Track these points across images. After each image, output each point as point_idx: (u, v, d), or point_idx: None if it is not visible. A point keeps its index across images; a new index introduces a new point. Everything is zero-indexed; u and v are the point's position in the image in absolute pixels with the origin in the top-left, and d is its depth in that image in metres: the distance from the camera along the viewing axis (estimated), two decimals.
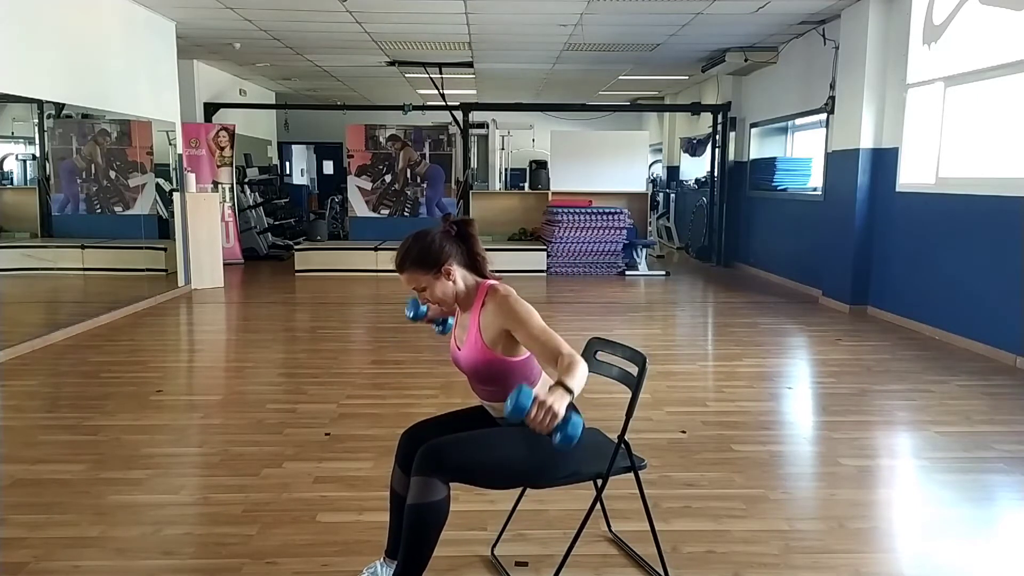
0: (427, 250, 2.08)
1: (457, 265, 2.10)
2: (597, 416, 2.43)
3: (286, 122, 13.95)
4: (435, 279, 2.08)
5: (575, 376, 1.79)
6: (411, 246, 2.10)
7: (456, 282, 2.10)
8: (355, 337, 6.29)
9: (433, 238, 2.09)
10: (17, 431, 3.73)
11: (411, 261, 2.08)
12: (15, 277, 6.49)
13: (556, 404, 1.69)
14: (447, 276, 2.08)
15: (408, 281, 2.10)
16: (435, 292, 2.10)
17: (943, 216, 5.94)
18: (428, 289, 2.10)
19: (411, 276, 2.09)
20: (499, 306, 2.02)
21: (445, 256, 2.08)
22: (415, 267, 2.08)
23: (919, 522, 2.86)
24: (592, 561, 2.44)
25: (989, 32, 5.37)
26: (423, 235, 2.11)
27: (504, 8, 7.26)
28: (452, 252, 2.09)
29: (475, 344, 2.08)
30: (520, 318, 1.99)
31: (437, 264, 2.07)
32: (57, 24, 5.95)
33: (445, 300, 2.12)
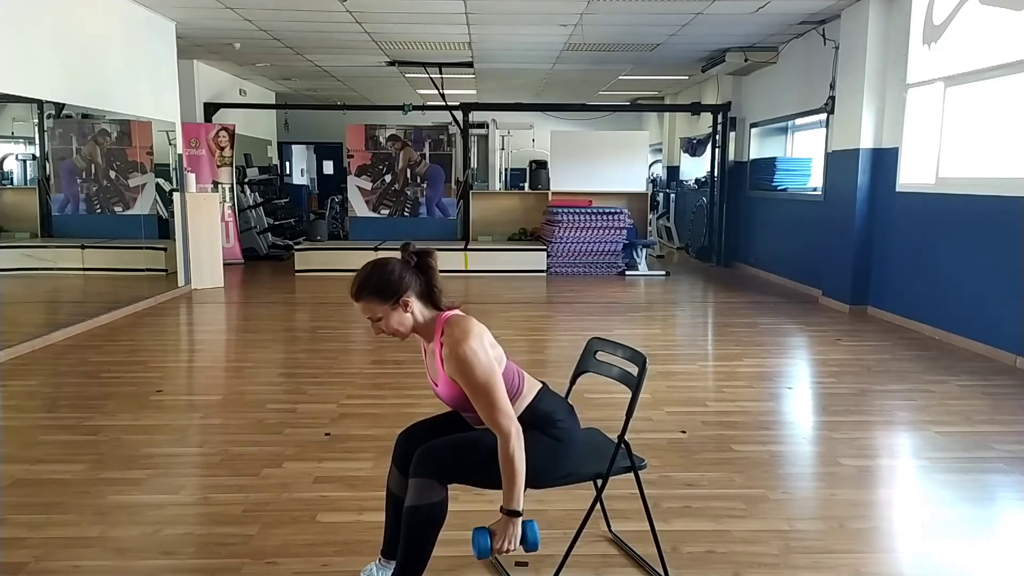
0: (386, 281, 2.04)
1: (415, 297, 2.06)
2: (597, 416, 2.43)
3: (286, 122, 13.95)
4: (392, 310, 2.04)
5: (514, 492, 1.96)
6: (370, 274, 2.05)
7: (413, 313, 2.06)
8: (355, 337, 6.29)
9: (392, 268, 2.05)
10: (17, 431, 3.73)
11: (368, 291, 2.04)
12: (15, 277, 6.49)
13: (511, 534, 1.97)
14: (404, 308, 2.04)
15: (364, 311, 2.06)
16: (390, 323, 2.06)
17: (943, 216, 5.93)
18: (384, 319, 2.05)
19: (367, 306, 2.05)
20: (449, 351, 1.99)
21: (404, 287, 2.04)
22: (372, 296, 2.04)
23: (919, 522, 2.86)
24: (592, 561, 2.44)
25: (989, 32, 5.37)
26: (382, 264, 2.07)
27: (504, 8, 7.26)
28: (411, 283, 2.05)
29: (446, 380, 2.06)
30: (464, 373, 1.96)
31: (395, 295, 2.03)
32: (57, 24, 5.95)
33: (400, 331, 2.08)
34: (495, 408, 1.96)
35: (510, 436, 1.95)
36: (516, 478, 1.96)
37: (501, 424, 1.95)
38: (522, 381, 2.13)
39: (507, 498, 1.97)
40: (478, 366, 1.96)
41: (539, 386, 2.18)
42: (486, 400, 1.96)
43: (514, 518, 1.97)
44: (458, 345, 1.97)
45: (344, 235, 11.63)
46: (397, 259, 2.09)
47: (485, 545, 1.96)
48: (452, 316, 2.09)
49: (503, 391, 1.99)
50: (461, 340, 1.98)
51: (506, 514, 1.98)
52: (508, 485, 1.97)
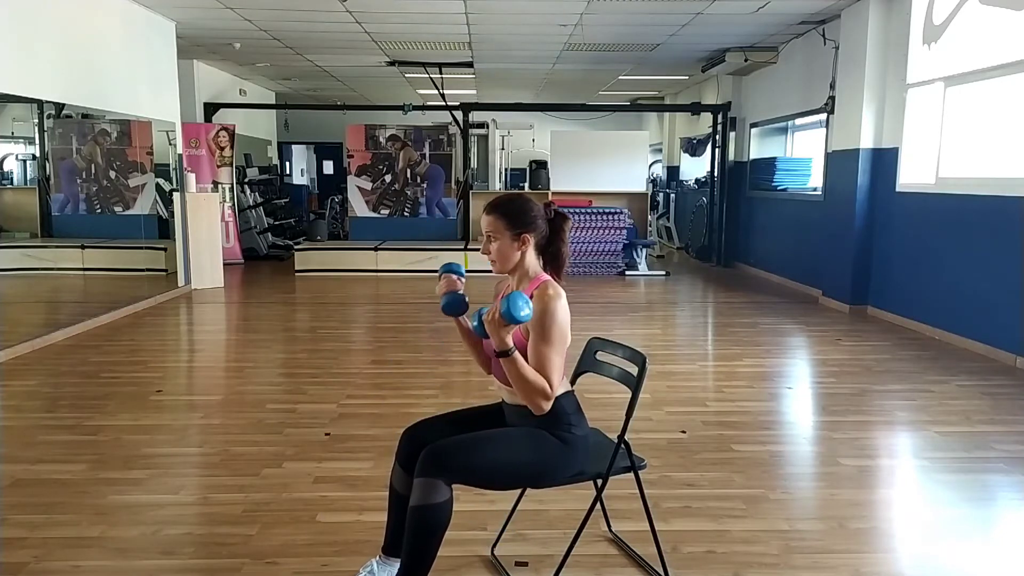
0: (522, 210, 2.14)
1: (534, 242, 2.15)
2: (597, 416, 2.43)
3: (286, 122, 13.95)
4: (510, 238, 2.13)
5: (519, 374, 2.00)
6: (511, 199, 2.18)
7: (524, 253, 2.14)
8: (355, 337, 6.29)
9: (533, 206, 2.16)
10: (17, 431, 3.73)
11: (503, 210, 2.14)
12: (15, 277, 6.49)
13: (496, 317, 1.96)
14: (521, 243, 2.13)
15: (487, 224, 2.15)
16: (501, 248, 2.14)
17: (943, 216, 5.93)
18: (498, 241, 2.14)
19: (494, 220, 2.13)
20: (540, 300, 2.05)
21: (532, 226, 2.13)
22: (503, 217, 2.13)
23: (919, 522, 2.86)
24: (592, 561, 2.44)
25: (989, 32, 5.37)
26: (527, 199, 2.19)
27: (504, 8, 7.26)
28: (539, 228, 2.15)
29: None
30: (541, 327, 2.03)
31: (522, 226, 2.12)
32: (57, 24, 5.95)
33: (503, 261, 2.15)
34: (550, 362, 2.03)
35: (546, 389, 2.02)
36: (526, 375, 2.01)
37: (550, 375, 2.03)
38: (564, 375, 2.17)
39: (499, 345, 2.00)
40: (558, 324, 2.03)
41: (569, 388, 2.20)
42: (546, 353, 2.03)
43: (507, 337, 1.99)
44: (552, 300, 2.04)
45: (344, 235, 11.63)
46: (541, 204, 2.19)
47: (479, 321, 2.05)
48: (552, 280, 2.15)
49: (562, 354, 2.06)
50: (556, 297, 2.05)
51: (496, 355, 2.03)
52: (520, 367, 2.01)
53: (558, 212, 2.21)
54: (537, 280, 2.14)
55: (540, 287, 2.09)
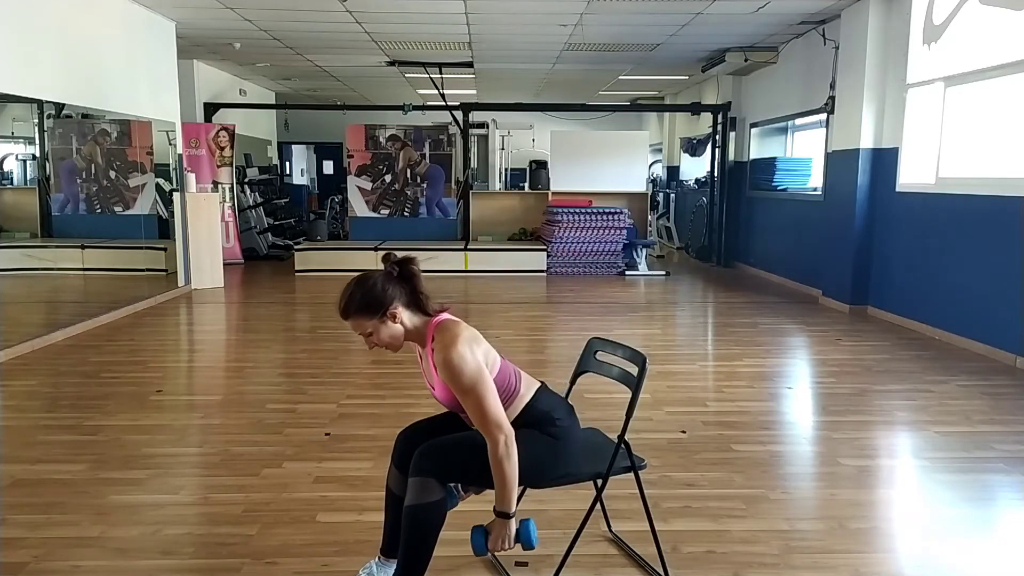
0: (370, 295, 2.04)
1: (402, 307, 2.07)
2: (597, 416, 2.43)
3: (286, 122, 13.95)
4: (380, 323, 2.05)
5: (505, 494, 1.99)
6: (353, 292, 2.06)
7: (403, 323, 2.07)
8: (355, 337, 6.23)
9: (375, 282, 2.06)
10: (17, 431, 3.73)
11: (355, 308, 2.05)
12: (15, 277, 6.49)
13: (504, 534, 2.01)
14: (392, 319, 2.06)
15: (355, 327, 2.07)
16: (382, 336, 2.07)
17: (943, 216, 5.93)
18: (375, 334, 2.07)
19: (357, 323, 2.06)
20: (439, 358, 1.99)
21: (389, 299, 2.05)
22: (359, 313, 2.05)
23: (919, 522, 2.86)
24: (592, 561, 2.44)
25: (989, 32, 5.37)
26: (364, 280, 2.07)
27: (504, 8, 7.26)
28: (396, 294, 2.06)
29: (440, 384, 2.07)
30: (453, 378, 1.97)
31: (381, 308, 2.04)
32: (57, 24, 5.95)
33: (393, 344, 2.10)
34: (484, 413, 1.97)
35: (498, 442, 1.96)
36: (507, 481, 1.97)
37: (490, 429, 1.97)
38: (519, 381, 2.13)
39: (499, 500, 2.00)
40: (466, 371, 1.97)
41: (537, 385, 2.18)
42: (475, 405, 1.98)
43: (506, 520, 2.00)
44: (446, 351, 1.98)
45: (344, 235, 11.63)
46: (379, 272, 2.10)
47: (480, 544, 2.01)
48: (443, 321, 2.09)
49: (493, 396, 1.99)
50: (449, 346, 1.98)
51: (498, 515, 2.01)
52: (499, 488, 1.99)
53: (400, 260, 2.11)
54: (429, 330, 2.08)
55: (435, 340, 2.04)
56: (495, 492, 2.00)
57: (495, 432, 1.97)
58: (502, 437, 1.96)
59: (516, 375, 2.14)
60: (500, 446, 1.96)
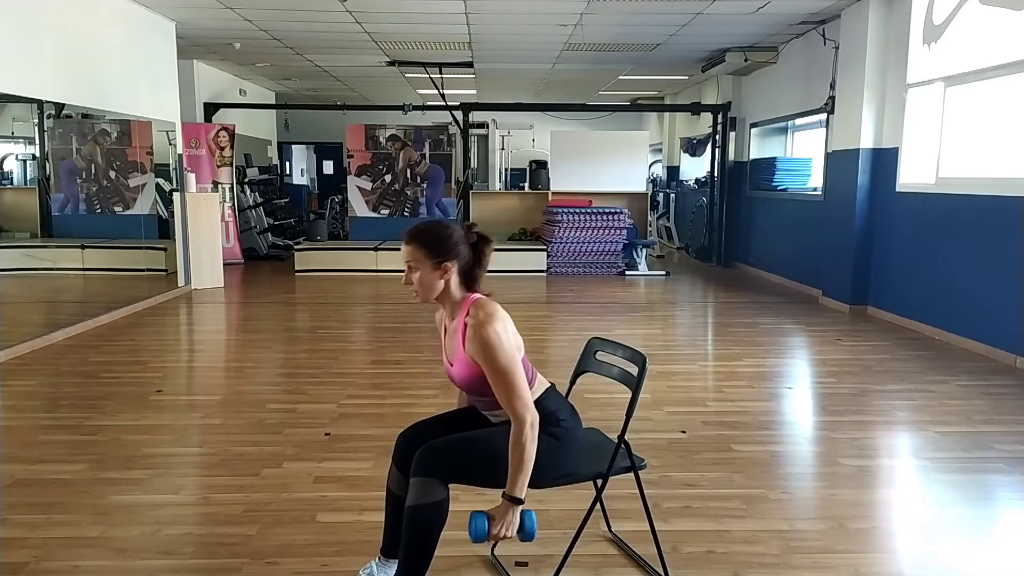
0: (440, 238, 2.06)
1: (456, 269, 2.08)
2: (597, 416, 2.43)
3: (286, 122, 13.94)
4: (431, 268, 2.05)
5: (518, 479, 1.96)
6: (429, 227, 2.10)
7: (448, 283, 2.08)
8: (355, 337, 6.29)
9: (452, 232, 2.08)
10: (17, 431, 3.73)
11: (421, 240, 2.06)
12: (15, 277, 6.49)
13: (508, 520, 1.96)
14: (443, 272, 2.06)
15: (406, 254, 2.07)
16: (422, 278, 2.07)
17: (943, 216, 5.93)
18: (418, 272, 2.06)
19: (412, 251, 2.06)
20: (474, 332, 2.00)
21: (452, 253, 2.06)
22: (421, 247, 2.06)
23: (919, 522, 2.86)
24: (592, 561, 2.44)
25: (989, 32, 5.37)
26: (444, 225, 2.12)
27: (504, 8, 7.26)
28: (460, 255, 2.07)
29: (464, 360, 2.07)
30: (487, 354, 1.98)
31: (441, 255, 2.05)
32: (57, 24, 5.95)
33: (425, 291, 2.09)
34: (514, 392, 1.97)
35: (525, 422, 1.96)
36: (524, 465, 1.96)
37: (517, 409, 1.97)
38: (534, 376, 2.14)
39: (511, 484, 1.97)
40: (501, 349, 1.97)
41: (548, 385, 2.19)
42: (506, 384, 1.97)
43: (515, 505, 1.97)
44: (483, 326, 1.98)
45: (344, 235, 11.62)
46: (460, 228, 2.12)
47: (482, 529, 1.96)
48: (480, 298, 2.10)
49: (523, 377, 2.00)
50: (486, 322, 1.99)
51: (507, 500, 1.98)
52: (514, 471, 1.97)
53: (480, 235, 2.13)
54: (465, 304, 2.09)
55: (471, 314, 2.04)
56: (508, 476, 1.97)
57: (523, 412, 1.96)
58: (529, 418, 1.96)
59: (532, 371, 2.15)
60: (526, 427, 1.95)
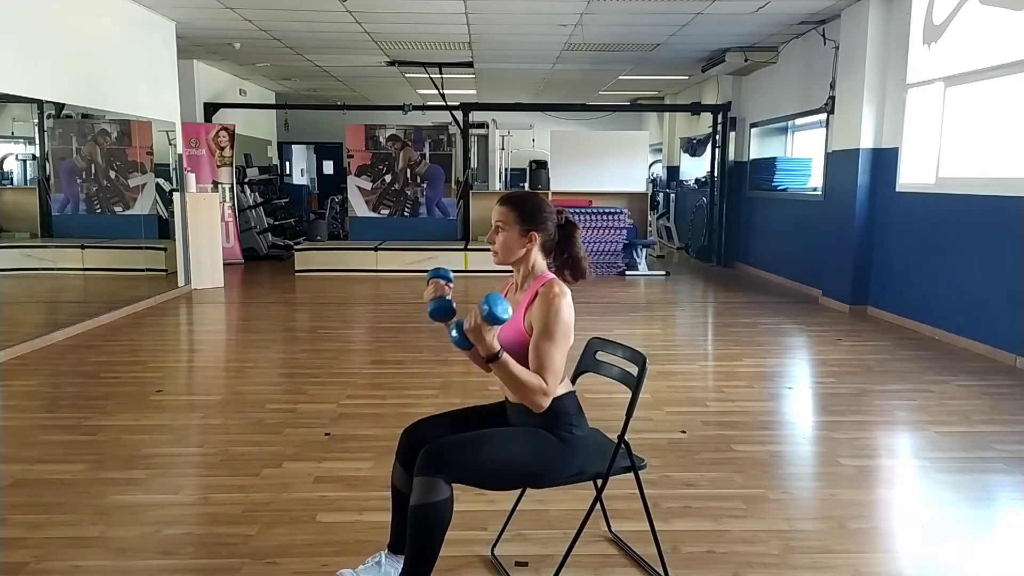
0: (535, 208, 2.15)
1: (539, 242, 2.15)
2: (597, 416, 2.43)
3: (286, 122, 13.95)
4: (519, 233, 2.13)
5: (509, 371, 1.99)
6: (527, 196, 2.20)
7: (529, 251, 2.15)
8: (355, 337, 6.29)
9: (547, 207, 2.18)
10: (17, 431, 3.73)
11: (517, 205, 2.14)
12: (15, 277, 6.49)
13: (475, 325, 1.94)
14: (529, 240, 2.13)
15: (499, 214, 2.15)
16: (507, 240, 2.14)
17: (943, 216, 5.93)
18: (505, 233, 2.13)
19: (505, 212, 2.14)
20: (545, 298, 2.06)
21: (542, 225, 2.14)
22: (515, 210, 2.13)
23: (919, 522, 2.86)
24: (592, 561, 2.44)
25: (989, 32, 5.37)
26: (542, 199, 2.21)
27: (504, 8, 7.26)
28: (546, 229, 2.15)
29: (517, 326, 2.10)
30: (546, 325, 2.04)
31: (532, 223, 2.13)
32: (57, 24, 5.95)
33: (505, 252, 2.15)
34: (551, 359, 2.03)
35: (544, 384, 2.02)
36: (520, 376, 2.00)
37: (546, 374, 2.02)
38: (565, 375, 2.17)
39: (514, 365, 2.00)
40: (562, 321, 2.04)
41: (571, 389, 2.20)
42: (548, 350, 2.03)
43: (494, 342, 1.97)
44: (558, 298, 2.05)
45: (344, 235, 11.63)
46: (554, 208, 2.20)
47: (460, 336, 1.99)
48: (556, 278, 2.16)
49: (563, 358, 2.06)
50: (561, 295, 2.06)
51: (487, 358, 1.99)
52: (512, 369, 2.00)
53: (569, 220, 2.22)
54: (543, 278, 2.15)
55: (546, 284, 2.10)
56: None
57: (549, 378, 2.02)
58: (552, 382, 2.03)
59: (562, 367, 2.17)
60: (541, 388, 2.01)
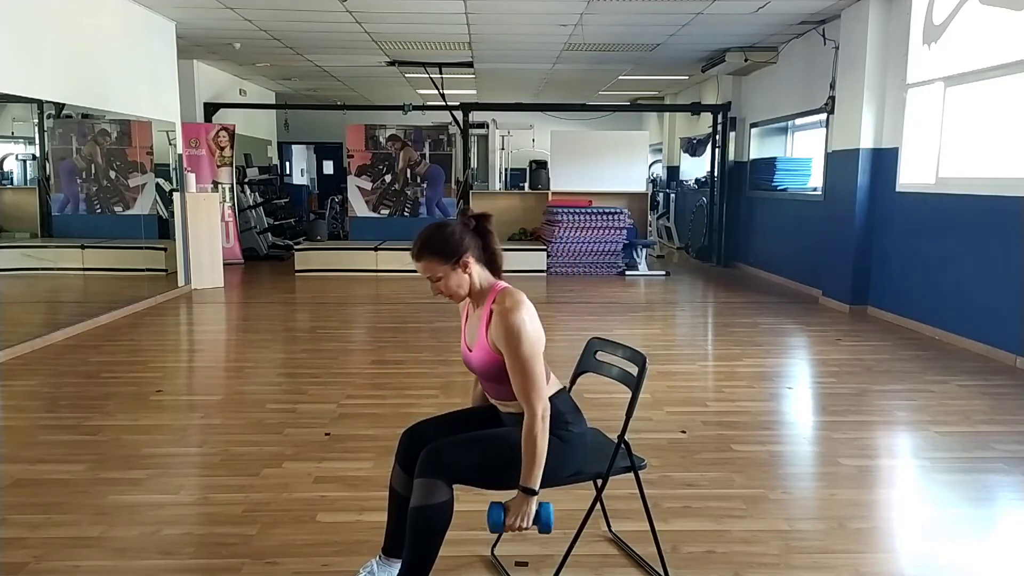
0: (447, 240, 2.07)
1: (474, 259, 2.09)
2: (597, 416, 2.43)
3: (286, 122, 13.95)
4: (452, 270, 2.07)
5: (533, 470, 1.97)
6: (432, 234, 2.09)
7: (472, 275, 2.10)
8: (355, 337, 6.29)
9: (453, 229, 2.09)
10: (17, 431, 3.73)
11: (430, 250, 2.07)
12: (15, 277, 6.49)
13: (524, 511, 1.98)
14: (464, 268, 2.08)
15: (424, 270, 2.09)
16: (450, 283, 2.09)
17: (943, 216, 5.93)
18: (443, 280, 2.08)
19: (428, 265, 2.07)
20: (500, 319, 2.01)
21: (464, 248, 2.07)
22: (433, 256, 2.06)
23: (919, 522, 2.86)
24: (592, 561, 2.44)
25: (989, 32, 5.37)
26: (443, 226, 2.11)
27: (504, 8, 7.26)
28: (470, 245, 2.09)
29: (484, 346, 2.07)
30: (510, 341, 1.98)
31: (456, 255, 2.06)
32: (57, 24, 5.94)
33: (458, 292, 2.11)
34: (531, 383, 1.98)
35: (537, 413, 1.97)
36: (537, 457, 1.97)
37: (532, 400, 1.97)
38: (549, 374, 2.15)
39: (525, 475, 1.98)
40: (526, 337, 1.98)
41: (561, 386, 2.19)
42: (525, 373, 1.98)
43: (530, 496, 1.98)
44: (511, 313, 1.99)
45: (344, 235, 11.63)
46: (457, 221, 2.13)
47: (498, 519, 1.98)
48: (507, 287, 2.12)
49: (542, 369, 2.02)
50: (513, 309, 2.00)
51: (523, 491, 1.99)
52: (528, 463, 1.97)
53: (477, 216, 2.13)
54: (493, 291, 2.10)
55: (497, 300, 2.05)
56: (522, 468, 1.98)
57: (536, 402, 1.97)
58: (541, 408, 1.97)
59: (547, 369, 2.15)
60: (538, 418, 1.96)
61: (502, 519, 1.98)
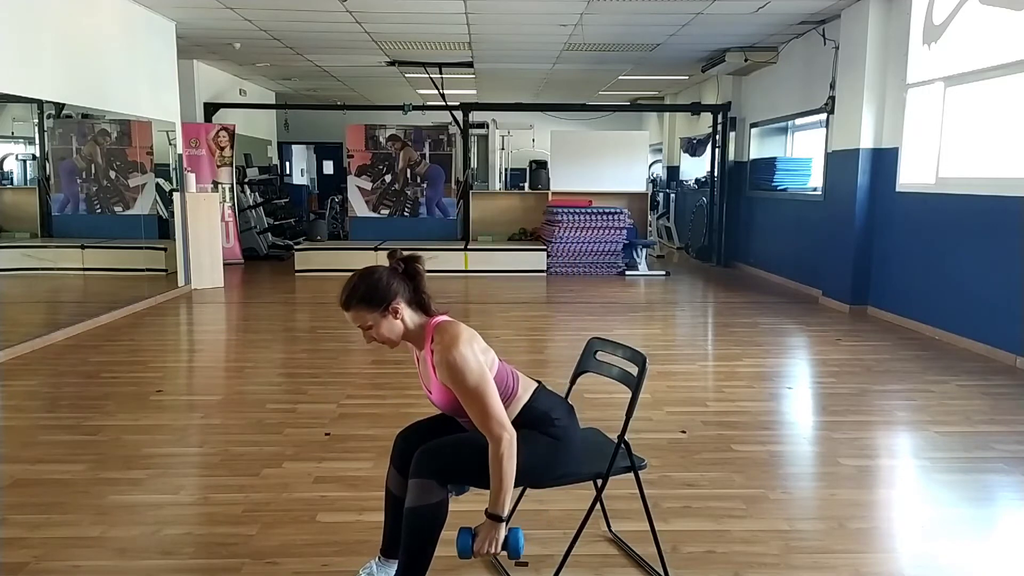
0: (374, 288, 2.03)
1: (404, 304, 2.06)
2: (597, 416, 2.43)
3: (286, 122, 13.95)
4: (381, 317, 2.04)
5: (500, 497, 1.96)
6: (357, 283, 2.05)
7: (404, 320, 2.06)
8: (355, 337, 6.24)
9: (380, 276, 2.05)
10: (17, 431, 3.73)
11: (357, 299, 2.03)
12: (15, 277, 6.49)
13: (492, 537, 1.96)
14: (394, 315, 2.04)
15: (354, 319, 2.06)
16: (381, 331, 2.06)
17: (943, 216, 5.93)
18: (374, 327, 2.05)
19: (357, 314, 2.04)
20: (440, 358, 1.99)
21: (392, 294, 2.03)
22: (361, 305, 2.03)
23: (919, 522, 2.86)
24: (592, 561, 2.44)
25: (989, 32, 5.37)
26: (370, 273, 2.07)
27: (504, 8, 7.26)
28: (399, 290, 2.05)
29: (439, 387, 2.06)
30: (455, 378, 1.97)
31: (384, 302, 2.03)
32: (57, 24, 5.94)
33: (391, 339, 2.08)
34: (487, 413, 1.96)
35: (500, 441, 1.95)
36: (504, 484, 1.96)
37: (492, 428, 1.96)
38: (516, 382, 2.13)
39: (492, 502, 1.98)
40: (468, 372, 1.96)
41: (535, 385, 2.18)
42: (478, 405, 1.97)
43: (497, 523, 1.98)
44: (448, 351, 1.97)
45: (344, 235, 11.62)
46: (384, 267, 2.09)
47: (466, 545, 1.97)
48: (441, 322, 2.08)
49: (495, 396, 1.99)
50: (451, 346, 1.98)
51: (489, 518, 1.99)
52: (495, 490, 1.97)
53: (405, 259, 2.10)
54: (428, 331, 2.08)
55: (435, 340, 2.03)
56: (490, 493, 1.98)
57: (498, 431, 1.95)
58: (505, 437, 1.95)
59: (513, 376, 2.13)
60: (503, 446, 1.95)
61: (470, 544, 1.97)
